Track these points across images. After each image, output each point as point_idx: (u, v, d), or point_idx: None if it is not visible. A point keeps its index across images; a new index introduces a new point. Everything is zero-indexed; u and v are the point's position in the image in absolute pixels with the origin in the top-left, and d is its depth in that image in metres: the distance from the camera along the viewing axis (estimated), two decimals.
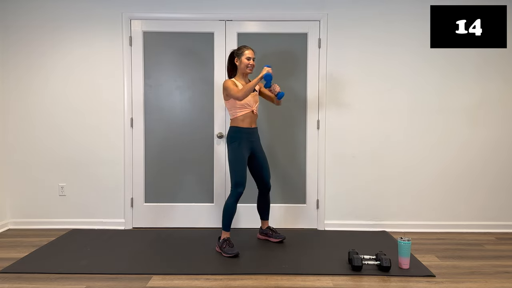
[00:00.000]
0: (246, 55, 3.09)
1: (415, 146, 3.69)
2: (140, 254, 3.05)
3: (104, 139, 3.71)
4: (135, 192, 3.74)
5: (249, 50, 3.11)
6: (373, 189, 3.71)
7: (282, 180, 3.73)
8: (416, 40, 3.63)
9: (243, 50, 3.11)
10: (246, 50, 3.10)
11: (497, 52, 3.62)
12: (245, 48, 3.12)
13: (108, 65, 3.67)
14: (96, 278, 2.62)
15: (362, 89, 3.67)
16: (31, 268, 2.77)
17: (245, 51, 3.10)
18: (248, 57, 3.09)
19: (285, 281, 2.58)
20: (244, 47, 3.13)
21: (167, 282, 2.56)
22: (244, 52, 3.10)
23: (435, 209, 3.71)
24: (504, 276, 2.69)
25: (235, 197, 3.06)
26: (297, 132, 3.73)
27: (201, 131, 3.72)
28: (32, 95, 3.69)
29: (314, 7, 3.64)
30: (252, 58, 3.11)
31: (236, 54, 3.14)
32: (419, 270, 2.74)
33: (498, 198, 3.71)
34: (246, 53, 3.09)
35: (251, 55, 3.10)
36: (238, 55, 3.12)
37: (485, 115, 3.67)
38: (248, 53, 3.10)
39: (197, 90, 3.72)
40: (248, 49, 3.11)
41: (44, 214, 3.74)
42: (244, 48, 3.12)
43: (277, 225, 3.66)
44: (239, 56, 3.12)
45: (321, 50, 3.65)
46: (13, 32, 3.65)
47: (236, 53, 3.14)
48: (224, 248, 3.01)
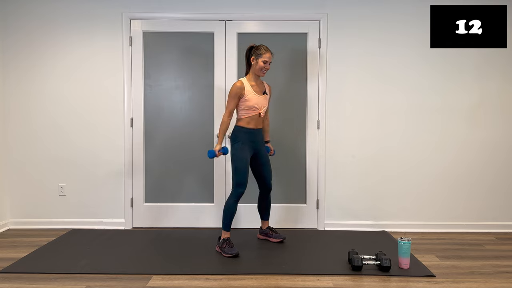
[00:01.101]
0: (264, 58, 3.02)
1: (415, 146, 3.69)
2: (140, 254, 3.05)
3: (104, 139, 3.71)
4: (135, 192, 3.74)
5: (268, 53, 3.03)
6: (373, 189, 3.71)
7: (282, 180, 3.73)
8: (416, 40, 3.63)
9: (262, 52, 3.03)
10: (266, 53, 3.02)
11: (497, 52, 3.62)
12: (264, 50, 3.03)
13: (108, 65, 3.67)
14: (96, 278, 2.62)
15: (362, 89, 3.67)
16: (31, 268, 2.77)
17: (264, 54, 3.02)
18: (265, 60, 3.02)
19: (285, 281, 2.58)
20: (263, 48, 3.04)
21: (167, 282, 2.56)
22: (263, 55, 3.02)
23: (435, 209, 3.71)
24: (504, 276, 2.69)
25: (236, 197, 3.05)
26: (297, 132, 3.73)
27: (201, 131, 3.72)
28: (32, 95, 3.69)
29: (314, 7, 3.64)
30: (269, 62, 3.06)
31: (254, 54, 3.05)
32: (419, 270, 2.74)
33: (498, 198, 3.71)
34: (264, 57, 3.02)
35: (268, 60, 3.04)
36: (256, 55, 3.04)
37: (485, 115, 3.67)
38: (266, 56, 3.02)
39: (197, 90, 3.72)
40: (267, 52, 3.03)
41: (44, 214, 3.74)
42: (263, 50, 3.03)
43: (277, 225, 3.66)
44: (256, 56, 3.04)
45: (321, 50, 3.65)
46: (13, 32, 3.65)
47: (255, 52, 3.05)
48: (224, 248, 3.01)
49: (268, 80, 3.40)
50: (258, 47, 3.06)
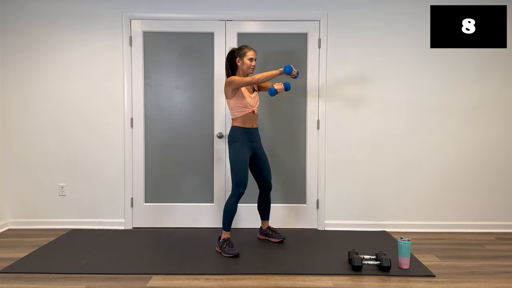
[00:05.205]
0: (249, 56, 3.04)
1: (414, 146, 3.69)
2: (140, 254, 3.05)
3: (104, 139, 3.71)
4: (135, 192, 3.74)
5: (251, 51, 3.06)
6: (373, 189, 3.72)
7: (282, 180, 3.73)
8: (416, 40, 3.63)
9: (245, 51, 3.06)
10: (249, 51, 3.05)
11: (497, 52, 3.62)
12: (247, 49, 3.06)
13: (108, 65, 3.67)
14: (96, 278, 2.62)
15: (362, 89, 3.67)
16: (31, 268, 2.77)
17: (247, 52, 3.05)
18: (250, 58, 3.05)
19: (285, 281, 2.58)
20: (246, 48, 3.08)
21: (167, 282, 2.57)
22: (247, 53, 3.05)
23: (435, 209, 3.71)
24: (504, 276, 2.69)
25: (236, 197, 3.05)
26: (297, 132, 3.73)
27: (201, 131, 3.72)
28: (32, 95, 3.69)
29: (314, 7, 3.64)
30: (254, 59, 3.08)
31: (238, 54, 3.08)
32: (419, 270, 2.74)
33: (498, 198, 3.71)
34: (249, 54, 3.05)
35: (253, 56, 3.06)
36: (240, 55, 3.07)
37: (485, 115, 3.67)
38: (251, 54, 3.05)
39: (197, 90, 3.72)
40: (250, 50, 3.07)
41: (44, 214, 3.74)
42: (246, 49, 3.07)
43: (277, 225, 3.66)
44: (241, 56, 3.06)
45: (321, 50, 3.65)
46: (13, 32, 3.65)
47: (238, 53, 3.08)
48: (224, 248, 3.01)
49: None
50: (240, 48, 3.10)
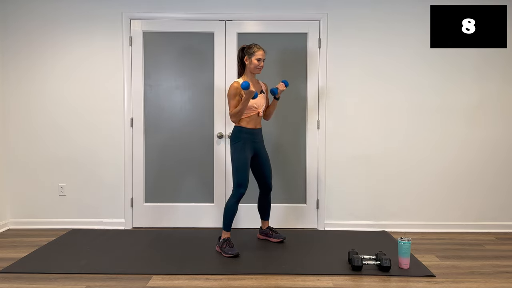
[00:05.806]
0: (257, 56, 3.04)
1: (414, 146, 3.69)
2: (140, 254, 3.05)
3: (104, 139, 3.71)
4: (135, 192, 3.74)
5: (260, 51, 3.06)
6: (373, 189, 3.71)
7: (282, 180, 3.73)
8: (416, 40, 3.63)
9: (254, 50, 3.05)
10: (258, 51, 3.05)
11: (497, 52, 3.62)
12: (256, 48, 3.06)
13: (108, 65, 3.67)
14: (96, 278, 2.62)
15: (362, 89, 3.67)
16: (31, 268, 2.77)
17: (256, 52, 3.04)
18: (258, 58, 3.04)
19: (285, 281, 2.58)
20: (255, 47, 3.06)
21: (167, 282, 2.57)
22: (256, 53, 3.04)
23: (435, 209, 3.71)
24: (504, 276, 2.69)
25: (237, 198, 3.05)
26: (297, 132, 3.73)
27: (201, 131, 3.72)
28: (32, 95, 3.69)
29: (314, 7, 3.64)
30: (263, 59, 3.07)
31: (247, 53, 3.07)
32: (419, 270, 2.74)
33: (498, 198, 3.71)
34: (257, 54, 3.04)
35: (261, 57, 3.05)
36: (248, 54, 3.06)
37: (485, 115, 3.67)
38: (259, 54, 3.04)
39: (197, 90, 3.72)
40: (259, 49, 3.06)
41: (44, 214, 3.74)
42: (255, 48, 3.06)
43: (277, 225, 3.66)
44: (249, 55, 3.05)
45: (321, 50, 3.65)
46: (13, 32, 3.65)
47: (247, 51, 3.07)
48: (224, 248, 3.01)
49: (268, 80, 3.40)
50: (250, 46, 3.08)
